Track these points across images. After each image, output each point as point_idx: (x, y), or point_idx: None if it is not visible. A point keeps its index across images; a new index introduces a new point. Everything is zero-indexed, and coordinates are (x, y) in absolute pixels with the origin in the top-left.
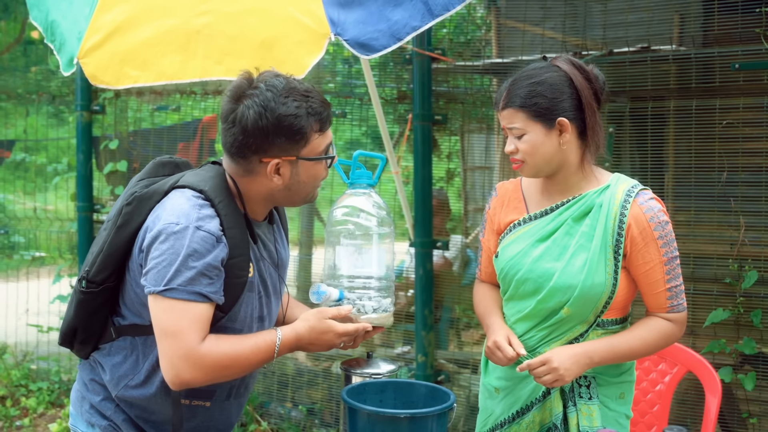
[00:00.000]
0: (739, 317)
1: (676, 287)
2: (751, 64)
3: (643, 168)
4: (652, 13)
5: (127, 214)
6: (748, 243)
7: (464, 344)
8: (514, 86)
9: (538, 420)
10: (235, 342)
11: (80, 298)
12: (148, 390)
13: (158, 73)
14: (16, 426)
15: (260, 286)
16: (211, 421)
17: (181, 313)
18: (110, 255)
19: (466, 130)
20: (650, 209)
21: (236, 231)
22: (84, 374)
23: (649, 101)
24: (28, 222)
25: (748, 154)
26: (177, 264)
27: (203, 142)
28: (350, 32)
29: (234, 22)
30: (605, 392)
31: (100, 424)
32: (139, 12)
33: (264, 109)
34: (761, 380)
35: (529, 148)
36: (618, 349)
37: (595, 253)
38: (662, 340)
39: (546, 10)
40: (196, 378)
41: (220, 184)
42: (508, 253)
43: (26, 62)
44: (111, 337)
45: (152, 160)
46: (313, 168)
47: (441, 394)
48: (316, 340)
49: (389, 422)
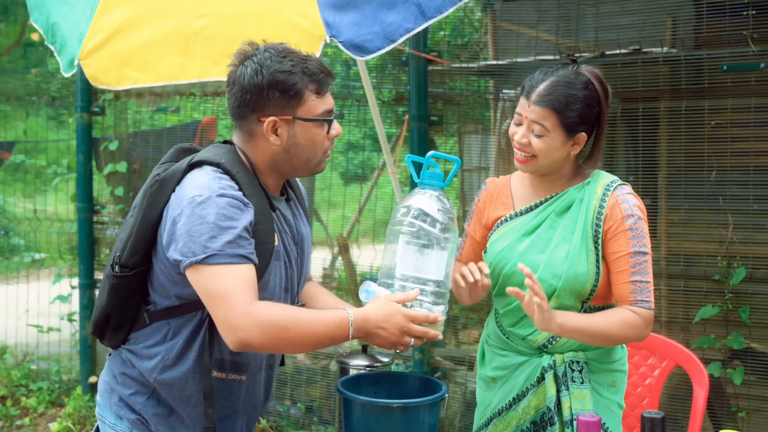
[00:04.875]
0: (728, 313)
1: (641, 282)
2: (738, 65)
3: (635, 168)
4: (643, 17)
5: (151, 196)
6: (737, 241)
7: (462, 343)
8: (552, 87)
9: (533, 405)
10: (293, 308)
11: (113, 283)
12: (182, 368)
13: (157, 74)
14: (16, 425)
15: (285, 257)
16: (246, 396)
17: (227, 277)
18: (139, 238)
19: (463, 131)
20: (625, 202)
21: (256, 199)
22: (114, 367)
23: (640, 102)
24: (27, 223)
25: (736, 155)
26: (211, 231)
27: (202, 143)
28: (345, 34)
29: (232, 24)
30: (597, 379)
31: (129, 418)
32: (138, 14)
33: (260, 66)
34: (750, 375)
35: (545, 149)
36: (583, 323)
37: (576, 244)
38: (625, 327)
39: (540, 13)
40: (254, 336)
41: (234, 158)
42: (495, 248)
43: (26, 64)
44: (144, 323)
45: (174, 146)
46: (310, 130)
47: (433, 385)
48: (384, 322)
49: (383, 412)
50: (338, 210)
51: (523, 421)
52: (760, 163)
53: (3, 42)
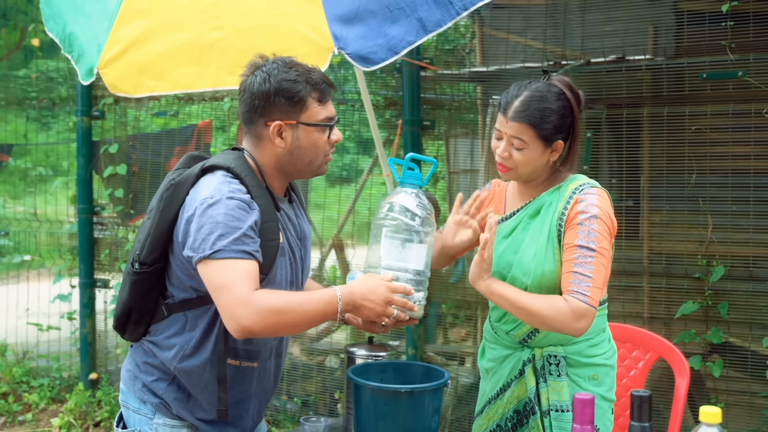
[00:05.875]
0: (707, 310)
1: (582, 275)
2: (717, 74)
3: (619, 171)
4: (627, 25)
5: (167, 199)
6: (716, 241)
7: (450, 341)
8: (527, 103)
9: (516, 395)
10: (287, 293)
11: (134, 279)
12: (200, 357)
13: (174, 82)
14: (18, 421)
15: (290, 252)
16: (258, 382)
17: (231, 270)
18: (158, 237)
19: (451, 134)
20: (584, 201)
21: (263, 200)
22: (137, 357)
23: (624, 108)
24: (17, 224)
25: (715, 158)
26: (219, 230)
27: (199, 146)
28: (352, 46)
29: (245, 36)
30: (576, 372)
31: (152, 402)
32: (155, 27)
33: (268, 75)
34: (728, 368)
35: (525, 160)
36: (510, 293)
37: (542, 243)
38: (550, 310)
39: (528, 20)
40: (255, 322)
41: (242, 163)
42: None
43: (26, 69)
44: (162, 315)
45: (186, 154)
46: (312, 134)
47: (436, 373)
48: (369, 293)
49: (391, 396)
50: (325, 211)
51: (507, 409)
52: (738, 166)
53: (3, 46)
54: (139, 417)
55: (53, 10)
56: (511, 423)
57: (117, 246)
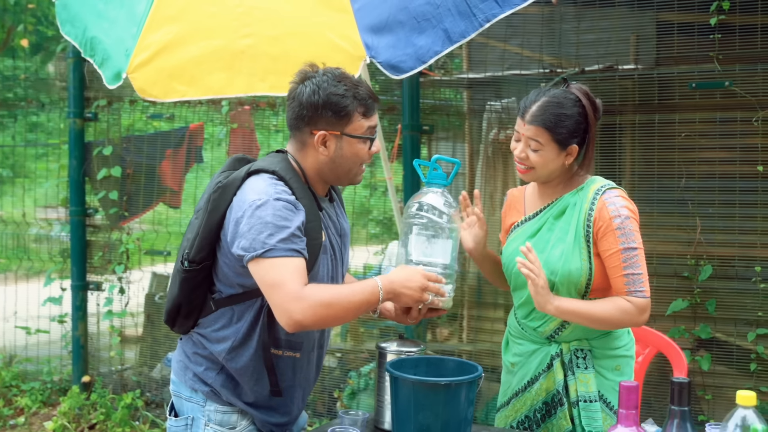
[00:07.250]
0: (696, 307)
1: (634, 275)
2: (706, 83)
3: (612, 176)
4: (619, 34)
5: (215, 201)
6: (704, 242)
7: (435, 340)
8: (543, 108)
9: (545, 387)
10: (333, 286)
11: (183, 276)
12: (248, 348)
13: (205, 88)
14: (9, 425)
15: (331, 250)
16: (301, 373)
17: (282, 268)
18: (205, 237)
19: (440, 137)
20: (613, 203)
21: (306, 201)
22: (187, 348)
23: (617, 115)
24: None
25: (703, 163)
26: (269, 229)
27: (190, 148)
28: (383, 55)
29: (276, 44)
30: (601, 363)
31: (203, 390)
32: (185, 33)
33: (318, 88)
34: (715, 362)
35: (541, 161)
36: (579, 306)
37: (569, 243)
38: (619, 313)
39: (524, 28)
40: (306, 316)
41: (287, 166)
42: (508, 249)
43: (14, 70)
44: (210, 309)
45: (230, 157)
46: (355, 145)
47: (468, 367)
48: (407, 281)
49: (430, 389)
50: None
51: (536, 401)
52: (725, 171)
53: None
54: (191, 405)
55: (70, 14)
56: (540, 414)
57: (110, 248)
